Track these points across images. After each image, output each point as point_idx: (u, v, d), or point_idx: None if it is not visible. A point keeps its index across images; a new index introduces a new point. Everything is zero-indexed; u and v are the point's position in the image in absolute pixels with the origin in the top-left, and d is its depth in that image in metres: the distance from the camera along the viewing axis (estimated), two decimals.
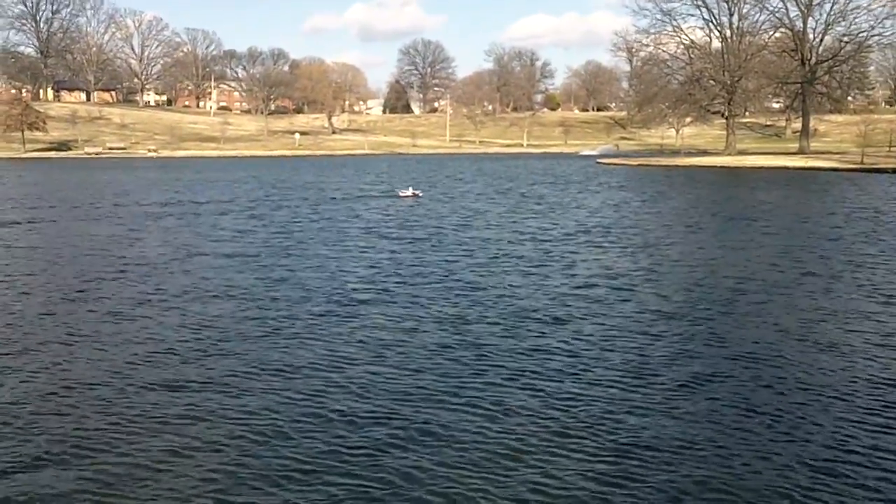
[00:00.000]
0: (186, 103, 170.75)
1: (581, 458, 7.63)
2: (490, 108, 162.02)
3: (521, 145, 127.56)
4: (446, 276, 16.99)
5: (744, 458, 7.65)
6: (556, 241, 22.68)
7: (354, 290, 15.56)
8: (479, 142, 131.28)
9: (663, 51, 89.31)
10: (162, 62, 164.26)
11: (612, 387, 9.68)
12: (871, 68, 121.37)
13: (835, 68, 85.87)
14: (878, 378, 9.98)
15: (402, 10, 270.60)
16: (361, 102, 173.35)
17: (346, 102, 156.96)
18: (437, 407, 9.01)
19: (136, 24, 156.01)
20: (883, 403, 9.08)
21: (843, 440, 8.05)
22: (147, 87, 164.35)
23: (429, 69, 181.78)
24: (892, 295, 14.90)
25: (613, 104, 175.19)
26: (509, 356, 10.94)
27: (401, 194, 39.31)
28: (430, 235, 23.93)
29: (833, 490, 7.00)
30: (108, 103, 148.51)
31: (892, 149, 76.35)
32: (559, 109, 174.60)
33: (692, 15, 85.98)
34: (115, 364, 10.63)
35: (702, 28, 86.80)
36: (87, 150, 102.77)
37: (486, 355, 10.99)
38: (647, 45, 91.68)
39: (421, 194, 39.39)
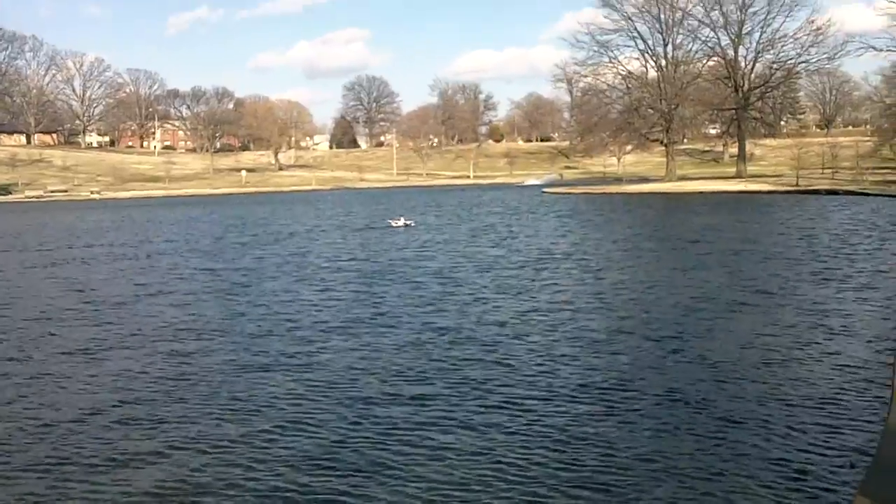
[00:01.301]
0: (130, 143, 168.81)
1: (549, 470, 8.09)
2: (436, 141, 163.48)
3: (468, 177, 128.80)
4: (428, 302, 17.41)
5: (709, 463, 8.17)
6: (514, 268, 23.22)
7: (372, 312, 15.86)
8: (427, 174, 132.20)
9: (602, 81, 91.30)
10: (104, 103, 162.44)
11: (576, 402, 10.16)
12: (801, 94, 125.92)
13: (767, 94, 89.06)
14: (825, 389, 10.67)
15: (347, 47, 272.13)
16: (308, 138, 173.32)
17: (293, 139, 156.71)
18: (408, 427, 9.38)
19: (78, 66, 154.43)
20: (832, 410, 9.74)
21: (801, 444, 8.64)
22: (89, 128, 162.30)
23: (374, 104, 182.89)
24: (829, 309, 15.76)
25: (556, 134, 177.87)
26: (483, 374, 11.36)
27: (393, 224, 40.04)
28: (436, 260, 24.34)
29: (794, 490, 7.56)
30: (49, 145, 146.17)
31: (825, 171, 79.19)
32: (504, 141, 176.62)
33: (628, 46, 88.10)
34: (80, 405, 10.72)
35: (638, 58, 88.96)
36: (27, 193, 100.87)
37: (463, 378, 11.38)
38: (586, 77, 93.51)
39: (413, 223, 40.15)
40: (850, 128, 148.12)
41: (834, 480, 7.68)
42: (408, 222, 40.13)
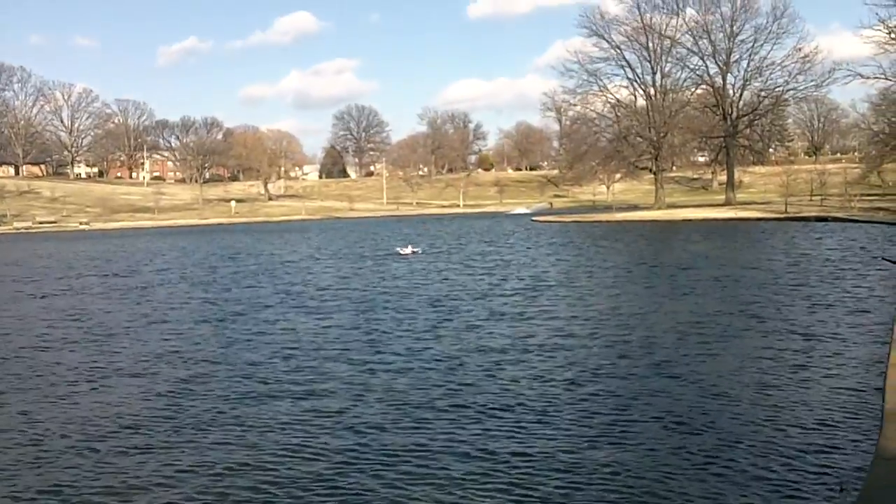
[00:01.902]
0: (119, 174, 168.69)
1: (548, 493, 8.13)
2: (425, 170, 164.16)
3: (458, 205, 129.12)
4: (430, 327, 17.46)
5: (703, 485, 8.27)
6: (508, 295, 23.27)
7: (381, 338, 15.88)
8: (416, 203, 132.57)
9: (591, 110, 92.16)
10: (93, 134, 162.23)
11: (573, 426, 10.23)
12: (790, 121, 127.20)
13: (755, 122, 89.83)
14: (818, 412, 10.76)
15: (337, 77, 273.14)
16: (297, 168, 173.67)
17: (282, 169, 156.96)
18: (407, 452, 9.42)
19: (66, 97, 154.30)
20: (824, 433, 9.84)
21: (794, 467, 8.75)
22: (78, 158, 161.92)
23: (363, 134, 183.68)
24: (820, 333, 15.89)
25: (545, 163, 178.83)
26: (481, 399, 11.41)
27: (401, 252, 40.75)
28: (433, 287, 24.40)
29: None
30: (37, 177, 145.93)
31: (814, 198, 79.85)
32: (493, 170, 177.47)
33: (617, 75, 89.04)
34: (80, 432, 10.76)
35: (626, 87, 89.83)
36: (15, 224, 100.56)
37: (462, 403, 11.43)
38: (575, 105, 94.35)
39: (420, 251, 40.86)
40: (839, 155, 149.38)
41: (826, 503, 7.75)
42: (415, 250, 41.00)
